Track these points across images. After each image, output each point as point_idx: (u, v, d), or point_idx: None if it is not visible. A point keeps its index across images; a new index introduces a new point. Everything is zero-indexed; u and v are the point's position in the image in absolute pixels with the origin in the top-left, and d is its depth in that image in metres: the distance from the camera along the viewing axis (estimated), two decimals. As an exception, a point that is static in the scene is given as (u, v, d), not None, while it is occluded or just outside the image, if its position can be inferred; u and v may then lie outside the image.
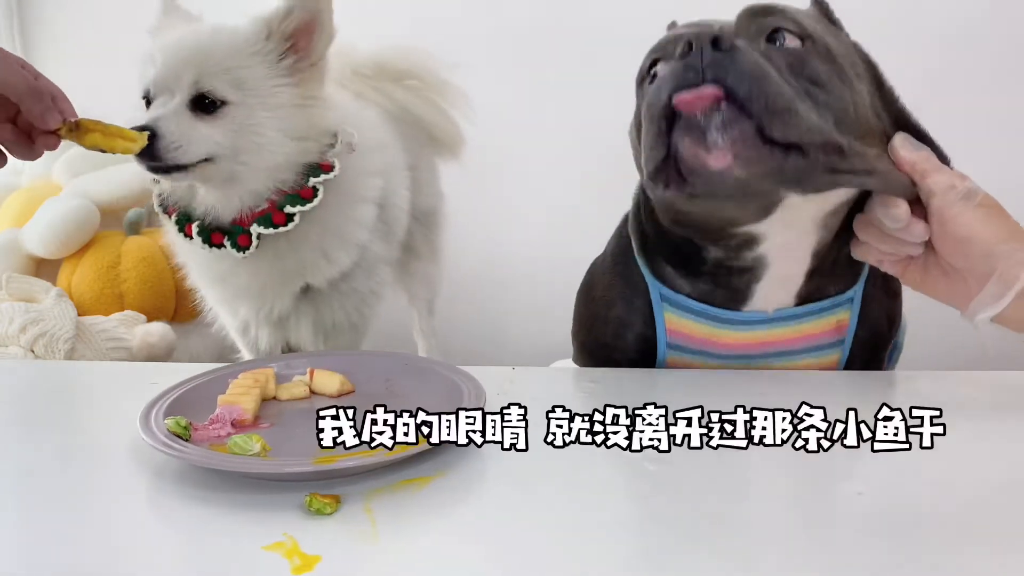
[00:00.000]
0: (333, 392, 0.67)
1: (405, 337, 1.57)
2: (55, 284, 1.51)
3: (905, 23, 1.53)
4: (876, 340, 0.74)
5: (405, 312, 1.53)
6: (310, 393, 0.68)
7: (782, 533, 0.46)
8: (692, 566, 0.42)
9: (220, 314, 1.09)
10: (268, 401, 0.66)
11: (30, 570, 0.44)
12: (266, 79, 0.86)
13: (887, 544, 0.44)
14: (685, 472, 0.51)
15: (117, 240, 1.52)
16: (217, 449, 0.56)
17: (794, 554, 0.44)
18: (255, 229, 0.87)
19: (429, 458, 0.54)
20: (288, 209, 0.87)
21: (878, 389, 0.70)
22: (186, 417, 0.58)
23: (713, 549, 0.44)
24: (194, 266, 1.01)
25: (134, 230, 1.56)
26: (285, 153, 0.87)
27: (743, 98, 0.53)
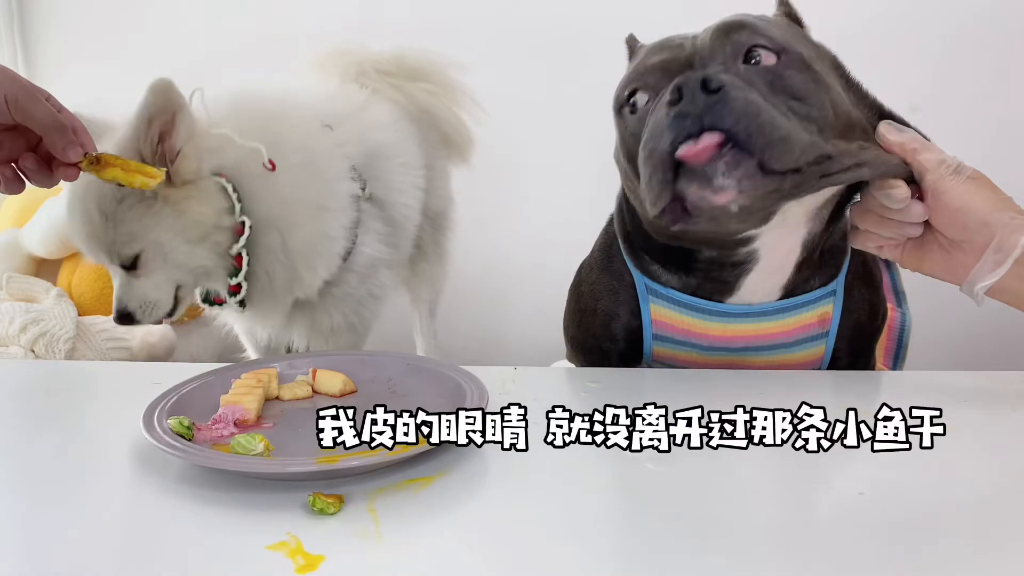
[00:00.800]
0: (335, 392, 0.67)
1: (405, 337, 1.57)
2: (55, 284, 1.52)
3: (905, 23, 1.54)
4: (860, 332, 0.76)
5: (405, 313, 1.53)
6: (313, 393, 0.68)
7: (782, 533, 0.46)
8: (692, 566, 0.42)
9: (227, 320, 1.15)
10: (271, 401, 0.66)
11: (30, 570, 0.44)
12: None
13: (887, 544, 0.44)
14: (685, 472, 0.51)
15: (117, 240, 1.52)
16: (220, 449, 0.56)
17: (794, 554, 0.44)
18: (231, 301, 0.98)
19: (431, 458, 0.54)
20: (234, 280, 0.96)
21: (878, 389, 0.71)
22: (189, 417, 0.58)
23: (713, 549, 0.44)
24: None
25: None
26: (196, 256, 0.93)
27: (743, 139, 0.54)
